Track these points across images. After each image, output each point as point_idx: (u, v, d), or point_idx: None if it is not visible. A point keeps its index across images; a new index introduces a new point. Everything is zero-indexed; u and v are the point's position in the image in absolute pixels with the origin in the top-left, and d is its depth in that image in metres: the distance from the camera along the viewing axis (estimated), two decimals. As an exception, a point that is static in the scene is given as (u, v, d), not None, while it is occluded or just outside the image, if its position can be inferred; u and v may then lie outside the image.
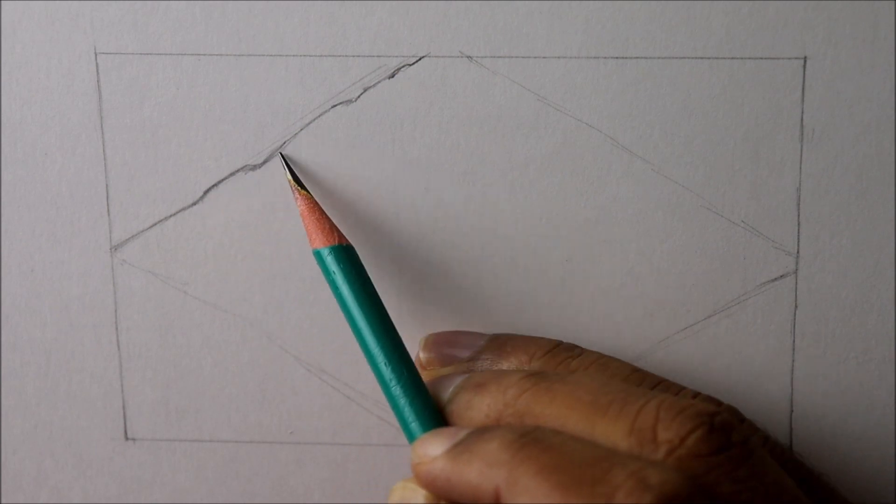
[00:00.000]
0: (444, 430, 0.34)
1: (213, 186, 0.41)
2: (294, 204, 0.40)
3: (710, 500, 0.29)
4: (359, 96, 0.40)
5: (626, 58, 0.39)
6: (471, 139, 0.40)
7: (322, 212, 0.39)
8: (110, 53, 0.40)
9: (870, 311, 0.40)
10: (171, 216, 0.42)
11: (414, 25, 0.39)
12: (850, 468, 0.41)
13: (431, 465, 0.33)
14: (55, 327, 0.43)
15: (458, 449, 0.32)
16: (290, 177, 0.40)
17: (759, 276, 0.40)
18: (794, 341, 0.40)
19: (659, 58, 0.39)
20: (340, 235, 0.38)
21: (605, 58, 0.39)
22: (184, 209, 0.41)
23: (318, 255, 0.38)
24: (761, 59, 0.38)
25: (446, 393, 0.36)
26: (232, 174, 0.41)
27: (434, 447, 0.33)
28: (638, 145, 0.39)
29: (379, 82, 0.40)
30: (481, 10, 0.39)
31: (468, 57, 0.39)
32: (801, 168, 0.39)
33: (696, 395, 0.36)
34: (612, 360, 0.37)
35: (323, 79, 0.40)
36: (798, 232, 0.40)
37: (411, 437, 0.35)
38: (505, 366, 0.38)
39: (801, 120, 0.39)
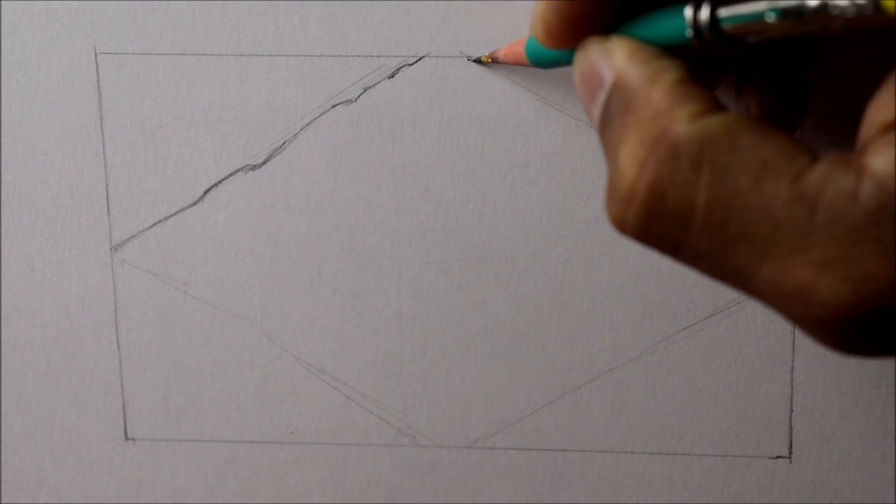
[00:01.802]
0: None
1: (213, 186, 0.41)
2: (295, 202, 0.40)
3: None
4: (359, 96, 0.40)
5: (626, 58, 0.39)
6: (471, 139, 0.40)
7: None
8: (110, 53, 0.40)
9: (870, 311, 0.40)
10: (171, 216, 0.42)
11: (414, 25, 0.39)
12: (850, 468, 0.41)
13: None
14: (55, 327, 0.43)
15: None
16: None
17: (759, 276, 0.40)
18: (794, 341, 0.40)
19: (659, 58, 0.39)
20: None
21: (605, 58, 0.39)
22: (184, 209, 0.41)
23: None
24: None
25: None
26: (232, 174, 0.41)
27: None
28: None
29: (379, 82, 0.40)
30: (481, 10, 0.39)
31: (468, 57, 0.39)
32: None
33: None
34: None
35: (323, 79, 0.40)
36: (798, 232, 0.40)
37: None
38: None
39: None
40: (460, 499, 0.43)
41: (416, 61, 0.39)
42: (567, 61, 0.32)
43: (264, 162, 0.41)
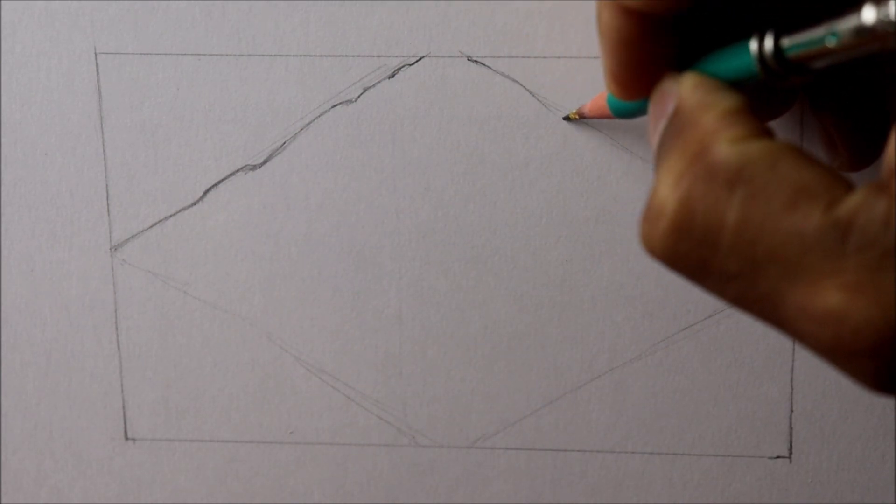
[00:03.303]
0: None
1: (213, 186, 0.41)
2: (295, 202, 0.40)
3: None
4: (359, 96, 0.40)
5: (626, 58, 0.39)
6: (471, 139, 0.40)
7: None
8: (110, 53, 0.40)
9: (870, 311, 0.40)
10: (171, 216, 0.42)
11: (414, 25, 0.39)
12: (850, 468, 0.41)
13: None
14: (55, 327, 0.43)
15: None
16: None
17: (759, 276, 0.40)
18: (794, 341, 0.40)
19: (659, 58, 0.39)
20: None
21: (605, 58, 0.39)
22: (184, 209, 0.41)
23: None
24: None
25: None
26: (232, 174, 0.41)
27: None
28: (638, 145, 0.39)
29: (379, 82, 0.40)
30: (481, 10, 0.39)
31: (468, 57, 0.39)
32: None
33: None
34: None
35: (323, 79, 0.40)
36: (798, 232, 0.40)
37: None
38: None
39: (801, 117, 0.39)
40: (460, 499, 0.43)
41: (416, 61, 0.39)
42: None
43: (264, 162, 0.41)
